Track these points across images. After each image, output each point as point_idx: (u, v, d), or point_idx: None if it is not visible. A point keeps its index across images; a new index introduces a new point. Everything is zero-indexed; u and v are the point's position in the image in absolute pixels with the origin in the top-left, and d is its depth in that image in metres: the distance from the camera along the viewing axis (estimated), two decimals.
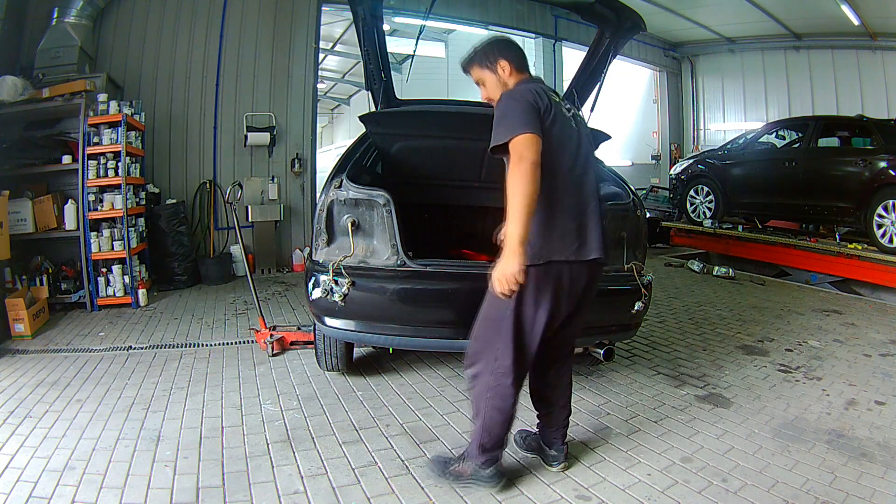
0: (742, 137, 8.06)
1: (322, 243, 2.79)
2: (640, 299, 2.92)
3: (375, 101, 3.78)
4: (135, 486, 2.27)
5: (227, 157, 7.04)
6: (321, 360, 3.35)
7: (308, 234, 6.91)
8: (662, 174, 12.30)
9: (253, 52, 7.11)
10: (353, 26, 3.72)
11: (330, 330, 2.91)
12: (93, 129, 5.23)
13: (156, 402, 3.11)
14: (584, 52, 3.89)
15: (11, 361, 3.80)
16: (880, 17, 8.67)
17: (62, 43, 5.56)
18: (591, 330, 2.98)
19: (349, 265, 2.69)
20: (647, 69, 12.95)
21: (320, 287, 2.65)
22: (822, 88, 10.42)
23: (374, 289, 2.75)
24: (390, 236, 2.71)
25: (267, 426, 2.82)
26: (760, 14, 9.67)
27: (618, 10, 3.32)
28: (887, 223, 5.69)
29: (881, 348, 4.06)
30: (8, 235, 4.55)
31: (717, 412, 3.01)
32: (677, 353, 3.98)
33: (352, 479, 2.34)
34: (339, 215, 2.76)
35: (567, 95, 4.02)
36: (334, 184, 2.75)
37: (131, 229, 5.38)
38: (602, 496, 2.23)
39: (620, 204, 3.01)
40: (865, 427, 2.82)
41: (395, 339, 2.91)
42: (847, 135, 6.66)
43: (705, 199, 8.00)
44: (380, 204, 2.71)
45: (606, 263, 2.27)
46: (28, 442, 2.64)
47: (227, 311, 5.14)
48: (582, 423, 2.87)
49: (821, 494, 2.23)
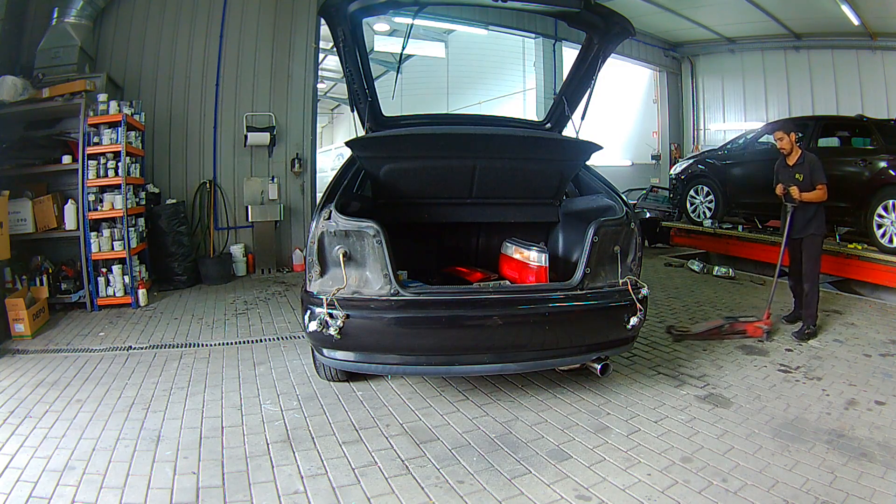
0: (742, 137, 8.05)
1: (315, 274, 2.80)
2: (635, 314, 2.93)
3: (362, 121, 3.76)
4: (135, 486, 2.27)
5: (227, 157, 7.05)
6: (320, 370, 3.37)
7: (308, 234, 6.92)
8: (662, 174, 12.31)
9: (253, 52, 7.12)
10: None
11: (329, 361, 2.92)
12: (93, 129, 5.24)
13: (156, 402, 3.11)
14: None
15: (11, 361, 3.80)
16: (880, 17, 8.67)
17: (62, 43, 5.57)
18: (588, 346, 3.00)
19: (343, 297, 2.68)
20: (647, 69, 12.96)
21: (316, 320, 2.65)
22: (822, 88, 10.42)
23: (370, 320, 2.75)
24: (382, 266, 2.70)
25: (267, 426, 2.82)
26: (760, 14, 9.67)
27: (605, 16, 3.31)
28: (887, 223, 5.68)
29: (881, 348, 4.06)
30: (8, 235, 4.55)
31: (717, 412, 3.01)
32: (677, 353, 3.97)
33: (352, 479, 2.34)
34: (331, 247, 2.77)
35: (557, 103, 4.02)
36: (323, 215, 2.75)
37: (131, 229, 5.38)
38: (602, 496, 2.23)
39: (614, 219, 3.02)
40: (865, 427, 2.82)
41: (395, 367, 2.93)
42: (847, 135, 6.65)
43: (705, 199, 8.00)
44: (370, 235, 2.71)
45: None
46: (28, 442, 2.64)
47: (227, 311, 5.14)
48: (582, 423, 2.87)
49: (821, 494, 2.23)
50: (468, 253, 4.27)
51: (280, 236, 7.26)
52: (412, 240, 3.91)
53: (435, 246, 4.17)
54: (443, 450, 2.59)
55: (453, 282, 3.69)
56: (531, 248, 3.43)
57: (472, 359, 2.87)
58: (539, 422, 2.89)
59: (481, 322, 2.76)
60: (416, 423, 2.87)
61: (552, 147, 3.63)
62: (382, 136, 3.52)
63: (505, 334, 2.81)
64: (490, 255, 4.11)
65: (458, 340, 2.85)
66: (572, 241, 3.70)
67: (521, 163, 3.58)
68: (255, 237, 7.07)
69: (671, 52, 12.60)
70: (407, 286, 2.79)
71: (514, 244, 3.65)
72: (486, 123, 4.33)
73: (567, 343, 2.96)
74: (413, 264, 3.67)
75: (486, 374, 3.25)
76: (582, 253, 2.93)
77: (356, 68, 3.51)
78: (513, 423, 2.86)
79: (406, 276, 3.38)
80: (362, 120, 3.77)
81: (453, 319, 2.79)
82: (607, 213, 3.22)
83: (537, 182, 3.73)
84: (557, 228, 3.96)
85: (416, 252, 3.88)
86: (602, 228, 2.91)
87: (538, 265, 3.33)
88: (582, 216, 3.60)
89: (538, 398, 3.17)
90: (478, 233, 4.25)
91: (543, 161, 3.62)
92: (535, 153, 3.57)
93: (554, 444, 2.65)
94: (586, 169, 3.73)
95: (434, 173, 3.55)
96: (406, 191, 3.59)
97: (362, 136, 3.47)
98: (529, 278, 3.38)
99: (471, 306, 2.79)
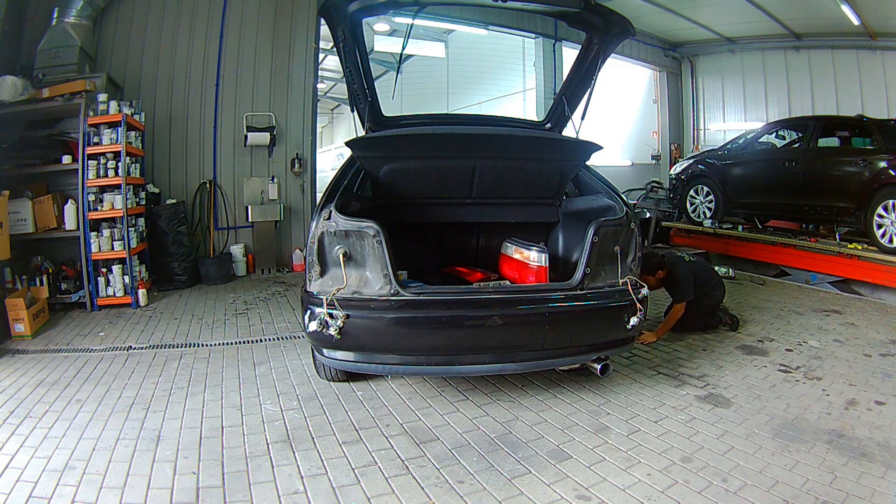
0: (742, 137, 8.05)
1: (315, 274, 2.80)
2: (635, 314, 2.93)
3: (362, 121, 3.76)
4: (135, 486, 2.27)
5: (227, 157, 7.05)
6: (320, 370, 3.37)
7: (308, 234, 6.92)
8: (662, 174, 12.30)
9: (253, 52, 7.12)
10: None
11: (329, 361, 2.93)
12: (93, 129, 5.24)
13: (156, 402, 3.11)
14: None
15: (11, 361, 3.80)
16: (880, 17, 8.66)
17: (62, 43, 5.57)
18: (588, 346, 3.00)
19: (343, 297, 2.68)
20: (647, 69, 12.95)
21: (316, 320, 2.65)
22: (822, 88, 10.41)
23: (370, 320, 2.75)
24: (382, 266, 2.70)
25: (267, 426, 2.82)
26: (760, 14, 9.67)
27: (605, 16, 3.31)
28: (887, 223, 5.68)
29: (881, 348, 4.06)
30: (8, 235, 4.55)
31: (717, 412, 3.01)
32: (677, 353, 3.97)
33: (352, 479, 2.34)
34: (331, 247, 2.77)
35: (557, 102, 4.02)
36: (323, 215, 2.75)
37: (131, 229, 5.38)
38: (602, 496, 2.24)
39: (614, 219, 3.03)
40: (865, 427, 2.82)
41: (395, 367, 2.94)
42: (847, 135, 6.65)
43: (705, 199, 8.00)
44: (370, 235, 2.70)
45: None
46: (28, 442, 2.64)
47: (227, 311, 5.14)
48: (582, 423, 2.87)
49: (821, 494, 2.23)
50: (468, 253, 4.27)
51: (280, 236, 7.26)
52: (412, 240, 3.91)
53: (435, 246, 4.17)
54: (443, 450, 2.59)
55: (453, 282, 3.69)
56: (531, 248, 3.43)
57: (472, 359, 2.87)
58: (539, 422, 2.89)
59: (481, 322, 2.76)
60: (416, 423, 2.87)
61: (552, 147, 3.63)
62: (382, 136, 3.52)
63: (505, 334, 2.81)
64: (490, 255, 4.11)
65: (458, 340, 2.85)
66: (572, 241, 3.70)
67: (521, 163, 3.58)
68: (255, 237, 7.07)
69: (671, 52, 12.60)
70: (407, 286, 2.79)
71: (514, 244, 3.65)
72: (486, 123, 4.33)
73: (567, 343, 2.96)
74: (413, 264, 3.67)
75: (486, 375, 3.25)
76: (582, 253, 2.93)
77: (356, 68, 3.51)
78: (513, 423, 2.86)
79: (406, 276, 3.39)
80: (362, 120, 3.77)
81: (453, 319, 2.80)
82: (607, 213, 3.22)
83: (537, 182, 3.73)
84: (557, 228, 3.96)
85: (416, 252, 3.88)
86: (602, 228, 2.91)
87: (538, 265, 3.34)
88: (582, 216, 3.60)
89: (538, 398, 3.17)
90: (478, 233, 4.25)
91: (543, 161, 3.62)
92: (535, 153, 3.58)
93: (554, 444, 2.65)
94: (586, 169, 3.73)
95: (434, 173, 3.55)
96: (406, 191, 3.59)
97: (362, 136, 3.47)
98: (529, 278, 3.38)
99: (471, 306, 2.79)
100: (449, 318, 2.80)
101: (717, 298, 4.42)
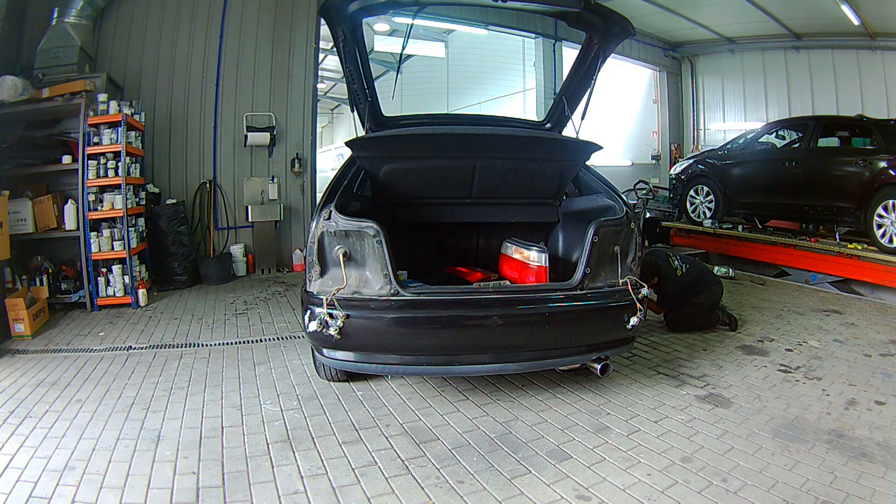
0: (742, 137, 8.05)
1: (315, 274, 2.80)
2: (635, 314, 2.93)
3: (362, 121, 3.76)
4: (135, 486, 2.27)
5: (227, 157, 7.05)
6: (320, 370, 3.37)
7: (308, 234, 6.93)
8: (662, 174, 12.31)
9: (253, 52, 7.12)
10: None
11: (329, 361, 2.93)
12: (93, 129, 5.24)
13: (156, 402, 3.11)
14: None
15: (11, 361, 3.80)
16: (880, 17, 8.67)
17: (62, 43, 5.56)
18: (588, 346, 3.00)
19: (343, 297, 2.68)
20: (647, 69, 12.95)
21: (316, 320, 2.65)
22: (822, 88, 10.42)
23: (370, 320, 2.75)
24: (382, 266, 2.70)
25: (267, 426, 2.82)
26: (760, 14, 9.67)
27: (605, 16, 3.31)
28: (887, 223, 5.69)
29: (881, 348, 4.06)
30: (8, 235, 4.55)
31: (717, 412, 3.01)
32: (677, 353, 3.98)
33: (352, 479, 2.34)
34: (331, 247, 2.77)
35: (557, 102, 4.02)
36: (323, 215, 2.75)
37: (131, 229, 5.38)
38: (602, 496, 2.24)
39: (614, 219, 3.03)
40: (865, 427, 2.82)
41: (395, 367, 2.94)
42: (847, 135, 6.66)
43: (705, 199, 8.01)
44: (370, 235, 2.70)
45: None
46: (28, 442, 2.64)
47: (227, 311, 5.14)
48: (582, 423, 2.87)
49: (821, 494, 2.23)
50: (468, 253, 4.27)
51: (280, 236, 7.25)
52: (412, 240, 3.91)
53: (435, 246, 4.17)
54: (443, 450, 2.59)
55: (453, 282, 3.69)
56: (531, 248, 3.43)
57: (472, 359, 2.87)
58: (539, 422, 2.89)
59: (481, 322, 2.76)
60: (416, 423, 2.87)
61: (552, 147, 3.63)
62: (382, 136, 3.52)
63: (505, 334, 2.81)
64: (490, 255, 4.11)
65: (458, 340, 2.85)
66: (572, 241, 3.70)
67: (521, 163, 3.58)
68: (255, 237, 7.07)
69: (671, 52, 12.60)
70: (407, 286, 2.79)
71: (514, 244, 3.65)
72: (486, 123, 4.34)
73: (567, 343, 2.96)
74: (413, 264, 3.67)
75: (486, 375, 3.25)
76: (582, 253, 2.93)
77: (356, 68, 3.51)
78: (513, 423, 2.86)
79: (406, 276, 3.38)
80: (362, 120, 3.76)
81: (453, 319, 2.80)
82: (607, 213, 3.22)
83: (537, 182, 3.73)
84: (557, 228, 3.96)
85: (416, 252, 3.88)
86: (602, 228, 2.91)
87: (538, 265, 3.34)
88: (582, 216, 3.60)
89: (538, 398, 3.17)
90: (478, 233, 4.25)
91: (543, 161, 3.62)
92: (535, 153, 3.58)
93: (554, 444, 2.65)
94: (586, 169, 3.73)
95: (434, 173, 3.55)
96: (406, 191, 3.59)
97: (362, 136, 3.47)
98: (529, 278, 3.38)
99: (471, 306, 2.80)
100: (449, 318, 2.80)
101: (715, 295, 4.48)
